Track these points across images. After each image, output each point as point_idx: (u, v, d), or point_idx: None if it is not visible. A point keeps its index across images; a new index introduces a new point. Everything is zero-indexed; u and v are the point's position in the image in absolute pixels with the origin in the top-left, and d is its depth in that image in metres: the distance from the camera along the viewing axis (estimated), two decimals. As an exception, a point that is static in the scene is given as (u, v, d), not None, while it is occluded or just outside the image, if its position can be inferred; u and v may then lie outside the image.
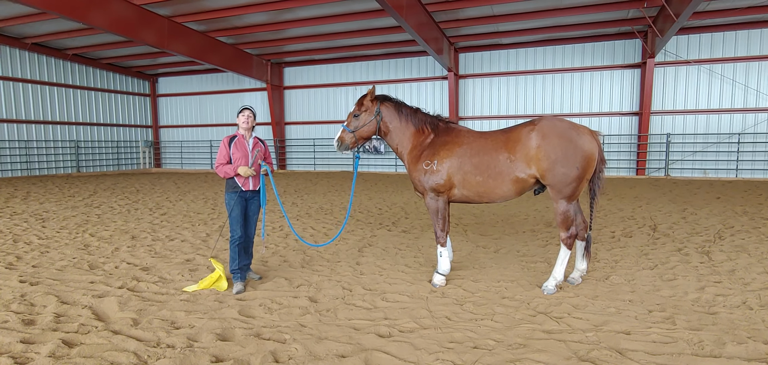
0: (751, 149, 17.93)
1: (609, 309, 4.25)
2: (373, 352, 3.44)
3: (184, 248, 6.87)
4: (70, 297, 4.64)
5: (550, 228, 8.25)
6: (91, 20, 13.98)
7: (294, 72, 25.04)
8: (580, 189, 4.66)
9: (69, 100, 23.66)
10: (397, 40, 20.28)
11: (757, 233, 7.52)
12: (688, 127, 18.76)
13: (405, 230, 8.22)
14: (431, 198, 5.02)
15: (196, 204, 11.75)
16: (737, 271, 5.40)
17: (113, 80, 26.05)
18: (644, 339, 3.61)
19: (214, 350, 3.50)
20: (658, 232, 7.73)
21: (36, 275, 5.43)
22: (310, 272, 5.59)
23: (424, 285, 5.06)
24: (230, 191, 4.93)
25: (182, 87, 27.69)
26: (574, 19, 17.28)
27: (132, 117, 27.36)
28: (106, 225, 8.70)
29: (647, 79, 18.21)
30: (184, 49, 17.99)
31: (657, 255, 6.19)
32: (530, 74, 20.69)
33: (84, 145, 24.43)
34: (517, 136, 4.71)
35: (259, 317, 4.18)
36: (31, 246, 6.98)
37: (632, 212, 9.85)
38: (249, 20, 17.81)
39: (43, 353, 3.39)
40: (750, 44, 17.56)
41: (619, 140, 19.81)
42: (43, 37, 20.12)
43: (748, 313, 4.10)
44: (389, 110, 5.21)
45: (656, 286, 4.90)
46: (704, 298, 4.50)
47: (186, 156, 28.08)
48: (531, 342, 3.59)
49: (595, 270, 5.56)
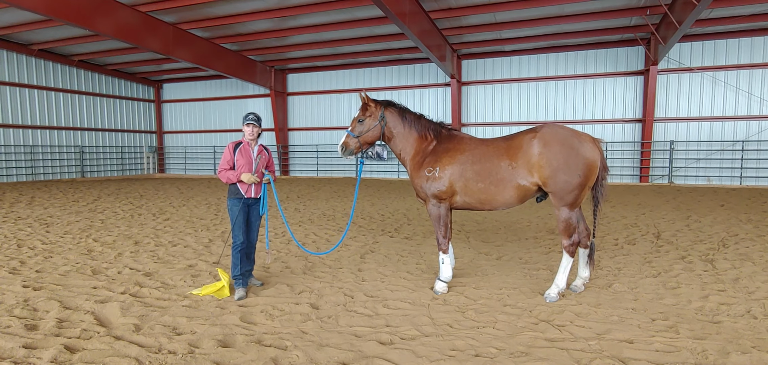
0: (755, 156, 17.86)
1: (612, 318, 4.23)
2: (374, 360, 3.44)
3: (187, 253, 6.89)
4: (73, 302, 4.65)
5: (552, 235, 8.22)
6: (96, 27, 14.14)
7: (297, 78, 25.17)
8: (582, 196, 4.65)
9: (74, 105, 23.86)
10: (400, 47, 20.38)
11: (761, 241, 7.47)
12: (691, 134, 18.71)
13: (407, 237, 8.21)
14: (433, 204, 5.01)
15: (200, 209, 11.79)
16: (741, 280, 5.36)
17: (118, 86, 26.27)
18: (647, 348, 3.59)
19: (216, 356, 3.50)
20: (662, 240, 7.69)
21: (39, 280, 5.45)
22: (311, 278, 5.59)
23: (425, 292, 5.05)
24: (233, 197, 4.95)
25: (186, 93, 27.87)
26: (577, 26, 17.31)
27: (136, 122, 27.54)
28: (109, 231, 8.73)
29: (650, 86, 18.19)
30: (189, 56, 18.14)
31: (660, 263, 6.16)
32: (533, 81, 20.71)
33: (89, 151, 24.59)
34: (519, 144, 4.71)
35: (261, 323, 4.18)
36: (35, 251, 7.01)
37: (635, 219, 9.81)
38: (253, 27, 17.95)
39: (45, 358, 3.40)
40: (753, 51, 17.54)
41: (622, 147, 19.76)
42: (49, 44, 20.35)
43: (753, 322, 4.07)
44: (393, 116, 5.22)
45: (659, 294, 4.87)
46: (708, 307, 4.47)
47: (190, 161, 28.20)
48: (533, 350, 3.58)
49: (598, 278, 5.53)
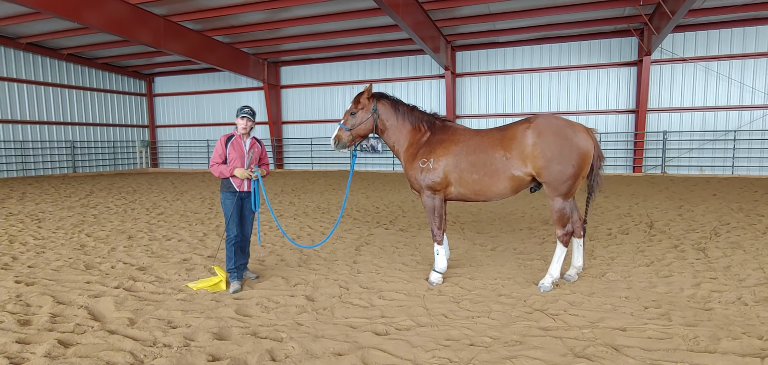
0: (747, 146, 18.01)
1: (605, 306, 4.26)
2: (369, 350, 3.45)
3: (181, 247, 6.86)
4: (66, 297, 4.62)
5: (546, 225, 8.27)
6: (85, 19, 13.94)
7: (291, 71, 25.01)
8: (576, 186, 4.67)
9: (65, 100, 23.56)
10: (393, 39, 20.27)
11: (752, 230, 7.55)
12: (684, 124, 18.82)
13: (402, 228, 8.22)
14: (428, 196, 5.02)
15: (194, 203, 11.73)
16: (732, 267, 5.43)
17: (109, 80, 25.96)
18: (640, 336, 3.63)
19: (211, 349, 3.49)
20: (655, 229, 7.76)
21: (32, 275, 5.41)
22: (307, 271, 5.59)
23: (421, 283, 5.07)
24: (226, 191, 4.92)
25: (179, 86, 27.61)
26: (571, 17, 17.30)
27: (128, 117, 27.27)
28: (102, 226, 8.67)
29: (644, 76, 18.25)
30: (181, 49, 17.94)
31: (653, 252, 6.21)
32: (527, 72, 20.71)
33: (80, 145, 24.34)
34: (513, 134, 4.72)
35: (256, 316, 4.18)
36: (27, 246, 6.95)
37: (629, 209, 9.88)
38: (245, 19, 17.77)
39: (39, 353, 3.39)
40: (746, 41, 17.63)
41: (615, 138, 19.86)
42: (37, 37, 20.04)
43: (743, 309, 4.12)
44: (386, 108, 5.20)
45: (652, 283, 4.92)
46: (700, 294, 4.53)
47: (183, 155, 28.01)
48: (527, 339, 3.60)
49: (592, 267, 5.57)
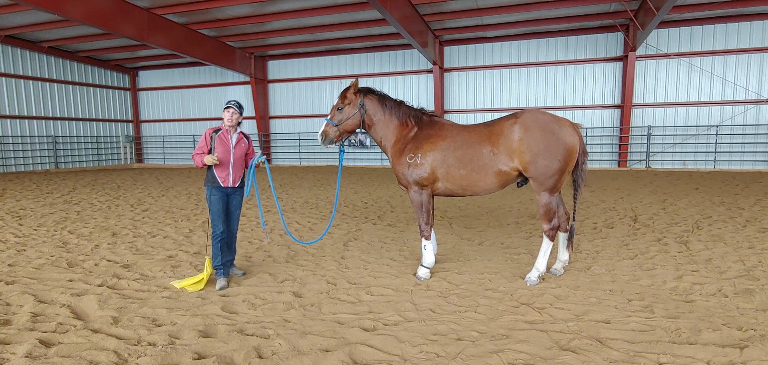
0: (729, 140, 18.37)
1: (590, 299, 4.32)
2: (357, 346, 3.44)
3: (167, 244, 6.77)
4: (48, 296, 4.53)
5: (533, 220, 8.34)
6: (66, 11, 13.61)
7: (278, 65, 24.79)
8: (562, 181, 4.71)
9: (46, 94, 23.04)
10: (381, 33, 20.21)
11: (733, 223, 7.71)
12: (668, 119, 19.12)
13: (390, 224, 8.22)
14: (415, 191, 5.02)
15: (179, 199, 11.58)
16: (714, 260, 5.54)
17: (92, 74, 25.45)
18: (623, 328, 3.68)
19: (197, 347, 3.46)
20: (639, 223, 7.88)
21: (12, 274, 5.29)
22: (294, 267, 5.56)
23: (408, 278, 5.07)
24: (210, 185, 4.86)
25: (163, 80, 27.19)
26: (557, 12, 17.41)
27: (112, 111, 26.79)
28: (85, 222, 8.52)
29: (629, 72, 18.48)
30: (165, 42, 17.64)
31: (637, 246, 6.31)
32: (514, 67, 20.83)
33: (62, 141, 23.85)
34: (500, 129, 4.74)
35: (243, 313, 4.14)
36: (7, 244, 6.80)
37: (614, 203, 10.02)
38: (231, 12, 17.54)
39: (19, 353, 3.32)
40: (728, 38, 17.94)
41: (601, 133, 20.09)
42: (16, 29, 19.53)
43: (724, 301, 4.21)
44: (373, 103, 5.18)
45: (636, 276, 5.00)
46: (682, 287, 4.61)
47: (168, 151, 27.64)
48: (514, 333, 3.63)
49: (577, 260, 5.64)
